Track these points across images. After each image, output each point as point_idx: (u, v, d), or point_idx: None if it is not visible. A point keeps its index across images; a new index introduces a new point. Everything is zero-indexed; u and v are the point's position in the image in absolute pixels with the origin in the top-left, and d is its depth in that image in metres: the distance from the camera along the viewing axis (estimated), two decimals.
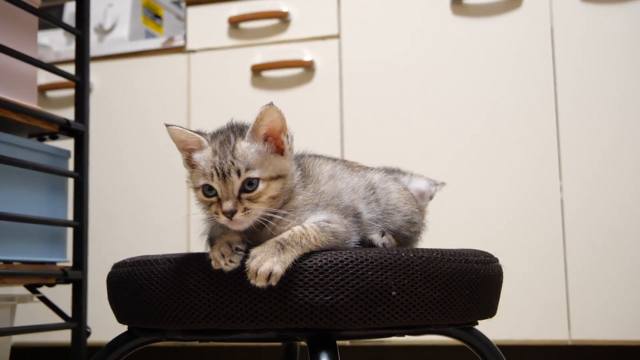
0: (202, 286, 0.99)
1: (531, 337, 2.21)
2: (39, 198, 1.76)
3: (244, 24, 2.59)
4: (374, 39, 2.46)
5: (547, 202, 2.23)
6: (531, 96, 2.29)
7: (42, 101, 2.76)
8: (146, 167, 2.63)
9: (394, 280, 0.97)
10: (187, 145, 1.04)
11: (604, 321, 2.15)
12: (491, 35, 2.35)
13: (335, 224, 1.01)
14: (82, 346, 1.79)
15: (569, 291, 2.18)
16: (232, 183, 0.98)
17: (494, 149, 2.30)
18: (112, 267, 1.16)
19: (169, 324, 1.03)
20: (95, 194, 2.35)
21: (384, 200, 1.16)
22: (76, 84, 1.86)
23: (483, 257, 1.11)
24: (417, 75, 2.40)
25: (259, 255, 0.94)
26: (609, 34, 2.24)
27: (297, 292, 0.95)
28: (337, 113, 2.46)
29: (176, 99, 2.63)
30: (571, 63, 2.26)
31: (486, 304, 1.10)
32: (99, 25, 2.89)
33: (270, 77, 2.55)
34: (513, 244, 2.23)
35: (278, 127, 1.02)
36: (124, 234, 2.62)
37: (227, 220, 0.98)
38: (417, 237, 1.23)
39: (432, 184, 1.50)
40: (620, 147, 2.20)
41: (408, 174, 1.51)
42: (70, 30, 1.86)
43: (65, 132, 1.83)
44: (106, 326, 1.44)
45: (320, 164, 1.12)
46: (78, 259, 1.81)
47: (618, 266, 2.16)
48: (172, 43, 2.67)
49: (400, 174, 1.50)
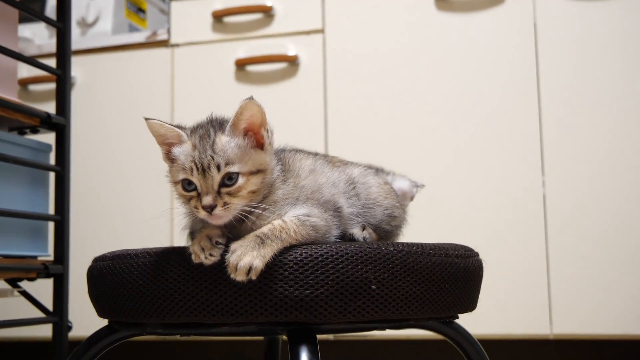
0: (182, 280, 0.99)
1: (513, 331, 2.22)
2: (19, 192, 1.74)
3: (228, 18, 2.58)
4: (359, 33, 2.46)
5: (529, 197, 2.25)
6: (514, 92, 2.30)
7: (24, 95, 2.74)
8: (129, 161, 2.62)
9: (374, 274, 0.97)
10: (166, 139, 1.04)
11: (586, 315, 2.17)
12: (475, 31, 2.36)
13: (315, 217, 1.01)
14: (64, 341, 1.78)
15: (551, 285, 2.20)
16: (211, 178, 0.98)
17: (477, 144, 2.31)
18: (93, 261, 1.16)
19: (149, 318, 1.03)
20: (77, 188, 2.33)
21: (364, 195, 1.16)
22: (57, 77, 1.84)
23: (463, 252, 1.12)
24: (401, 70, 2.41)
25: (239, 250, 0.94)
26: (592, 30, 2.26)
27: (278, 285, 0.95)
28: (321, 108, 2.45)
29: (160, 93, 2.62)
30: (554, 59, 2.27)
31: (466, 297, 1.11)
32: (82, 19, 2.87)
33: (254, 72, 2.54)
34: (495, 239, 2.24)
35: (258, 121, 1.02)
36: (106, 229, 2.60)
37: (207, 215, 0.98)
38: (398, 231, 1.24)
39: (414, 185, 1.51)
40: (602, 142, 2.21)
41: (390, 174, 1.50)
42: (51, 23, 1.84)
43: (46, 126, 1.82)
44: (88, 321, 1.43)
45: (300, 158, 1.12)
46: (59, 253, 1.80)
47: (599, 261, 2.18)
48: (155, 37, 2.66)
49: (383, 173, 1.50)
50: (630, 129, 2.20)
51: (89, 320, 1.40)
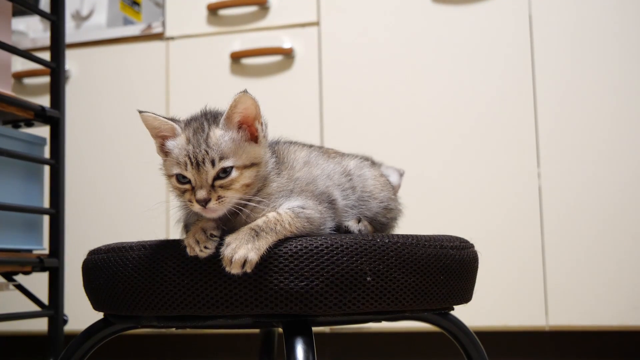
0: (177, 272, 0.99)
1: (509, 322, 2.23)
2: (14, 185, 1.74)
3: (223, 11, 2.58)
4: (354, 26, 2.45)
5: (525, 189, 2.25)
6: (509, 83, 2.30)
7: (19, 88, 2.73)
8: (124, 154, 2.61)
9: (369, 266, 0.97)
10: (160, 132, 1.03)
11: (582, 307, 2.18)
12: (470, 24, 2.35)
13: (310, 209, 1.00)
14: (59, 334, 1.78)
15: (547, 277, 2.20)
16: (205, 172, 0.98)
17: (473, 137, 2.31)
18: (88, 254, 1.16)
19: (145, 311, 1.03)
20: (72, 181, 2.33)
21: (359, 187, 1.16)
22: (51, 70, 1.84)
23: (458, 243, 1.12)
24: (397, 62, 2.40)
25: (234, 243, 0.94)
26: (588, 22, 2.25)
27: (273, 278, 0.95)
28: (316, 100, 2.45)
29: (155, 86, 2.61)
30: (550, 52, 2.27)
31: (461, 289, 1.11)
32: (76, 12, 2.86)
33: (249, 65, 2.54)
34: (491, 231, 2.24)
35: (252, 114, 1.01)
36: (101, 222, 2.60)
37: (201, 208, 0.98)
38: (394, 224, 1.24)
39: (399, 174, 1.49)
40: (598, 134, 2.22)
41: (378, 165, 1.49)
42: (45, 16, 1.83)
43: (40, 119, 1.81)
44: (83, 314, 1.43)
45: (295, 150, 1.12)
46: (54, 246, 1.80)
47: (595, 252, 2.18)
48: (150, 30, 2.65)
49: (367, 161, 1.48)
50: (626, 121, 2.20)
51: (84, 314, 1.40)
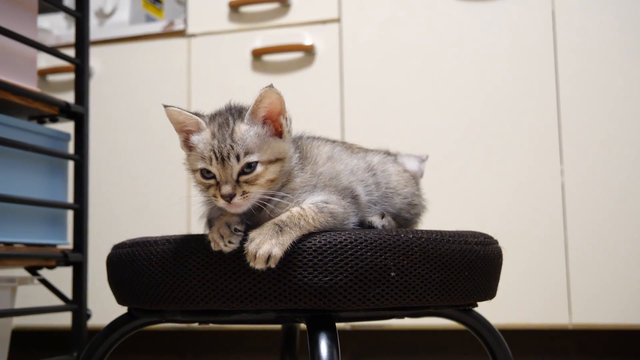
0: (201, 267, 0.99)
1: (531, 320, 2.21)
2: (39, 180, 1.76)
3: (245, 8, 2.58)
4: (375, 22, 2.44)
5: (548, 185, 2.23)
6: (532, 79, 2.28)
7: (43, 85, 2.76)
8: (147, 149, 2.62)
9: (393, 261, 0.97)
10: (184, 127, 1.03)
11: (605, 305, 2.15)
12: (492, 19, 2.33)
13: (333, 204, 1.00)
14: (83, 328, 1.79)
15: (570, 275, 2.19)
16: (230, 167, 0.98)
17: (495, 132, 2.29)
18: (112, 249, 1.17)
19: (169, 305, 1.03)
20: (95, 176, 2.35)
21: (383, 183, 1.15)
22: (76, 67, 1.86)
23: (482, 239, 1.11)
24: (418, 59, 2.39)
25: (258, 238, 0.94)
26: (610, 17, 2.23)
27: (296, 272, 0.95)
28: (337, 97, 2.45)
29: (176, 83, 2.62)
30: (572, 46, 2.25)
31: (485, 285, 1.10)
32: (100, 10, 2.88)
33: (270, 61, 2.54)
34: (514, 227, 2.23)
35: (277, 109, 1.01)
36: (124, 217, 2.62)
37: (226, 203, 0.98)
38: (417, 219, 1.23)
39: (421, 161, 1.44)
40: (621, 131, 2.19)
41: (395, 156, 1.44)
42: (70, 13, 1.85)
43: (65, 115, 1.83)
44: (107, 309, 1.44)
45: (318, 145, 1.12)
46: (78, 241, 1.81)
47: (619, 250, 2.16)
48: (172, 27, 2.66)
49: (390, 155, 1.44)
50: None
51: (108, 309, 1.42)
